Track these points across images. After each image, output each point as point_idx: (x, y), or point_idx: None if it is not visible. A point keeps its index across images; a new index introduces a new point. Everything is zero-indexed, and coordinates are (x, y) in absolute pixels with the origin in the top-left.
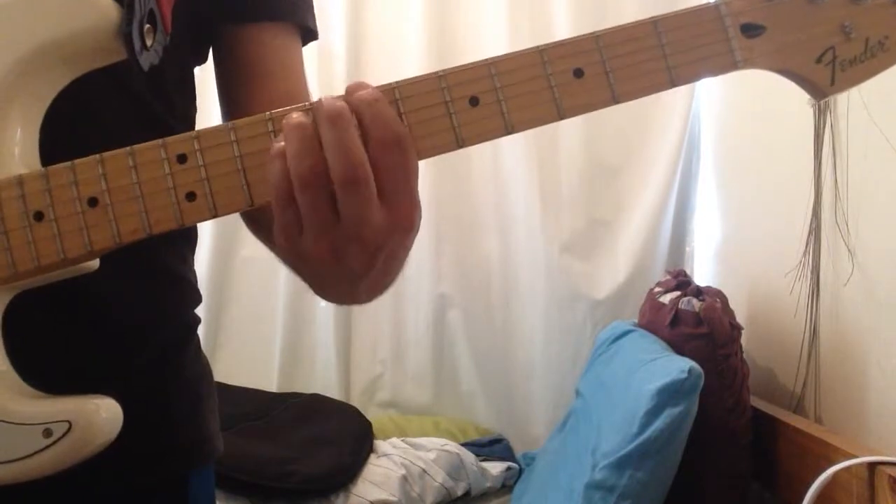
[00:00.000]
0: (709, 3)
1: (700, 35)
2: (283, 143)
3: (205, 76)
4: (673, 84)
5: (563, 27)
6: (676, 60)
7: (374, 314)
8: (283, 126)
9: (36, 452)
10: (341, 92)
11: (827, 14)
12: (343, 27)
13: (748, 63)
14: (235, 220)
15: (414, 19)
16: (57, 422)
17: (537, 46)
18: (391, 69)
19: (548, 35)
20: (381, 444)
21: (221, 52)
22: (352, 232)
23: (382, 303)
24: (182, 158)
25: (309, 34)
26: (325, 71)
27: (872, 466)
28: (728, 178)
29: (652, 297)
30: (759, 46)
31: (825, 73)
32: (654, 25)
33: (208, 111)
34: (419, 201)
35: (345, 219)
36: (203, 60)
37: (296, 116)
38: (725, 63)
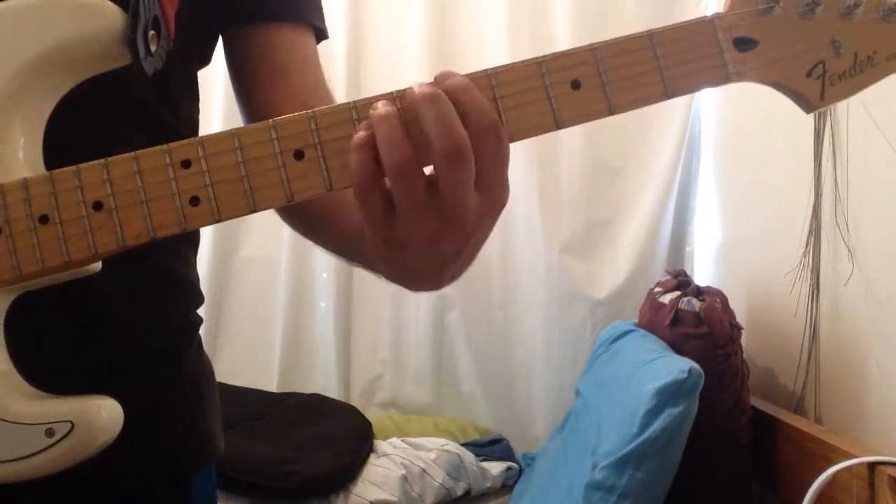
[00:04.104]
0: (703, 16)
1: (694, 48)
2: (364, 133)
3: (204, 76)
4: (668, 96)
5: (562, 27)
6: (671, 73)
7: (374, 314)
8: (372, 116)
9: (38, 452)
10: (342, 91)
11: (818, 29)
12: (343, 27)
13: (741, 76)
14: (236, 221)
15: (414, 19)
16: (59, 422)
17: (536, 58)
18: (391, 69)
19: (547, 35)
20: (381, 444)
21: (234, 52)
22: (450, 214)
23: (382, 303)
24: (186, 164)
25: (319, 34)
26: (325, 71)
27: (872, 466)
28: (728, 178)
29: (652, 297)
30: (752, 60)
31: (815, 87)
32: (650, 38)
33: (207, 111)
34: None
35: (444, 201)
36: (207, 62)
37: (382, 106)
38: (719, 76)
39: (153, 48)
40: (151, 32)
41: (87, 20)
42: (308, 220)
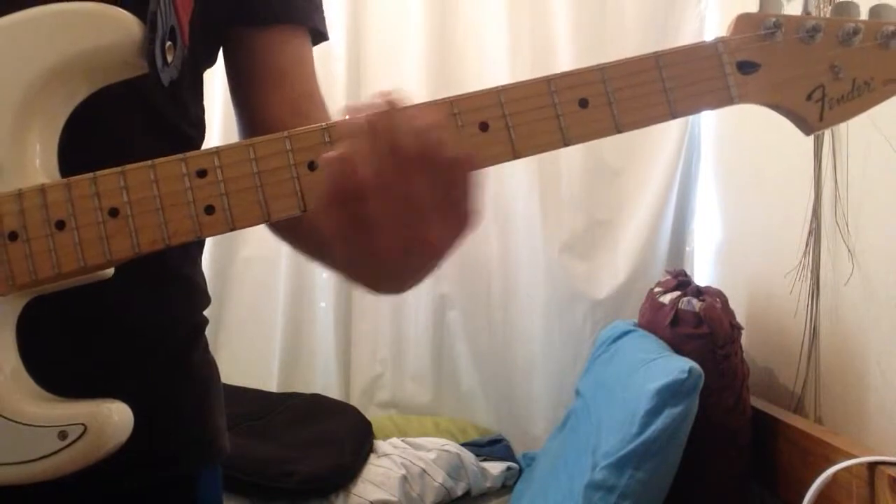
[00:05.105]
0: (708, 40)
1: (699, 71)
2: (338, 151)
3: (205, 75)
4: (673, 116)
5: (562, 28)
6: (676, 94)
7: (374, 314)
8: (346, 132)
9: (51, 454)
10: (342, 91)
11: (818, 54)
12: (343, 27)
13: (743, 98)
14: None
15: (414, 19)
16: (72, 424)
17: (545, 76)
18: (391, 69)
19: (547, 35)
20: (381, 444)
21: (234, 54)
22: (419, 231)
23: (382, 303)
24: (202, 173)
25: (319, 36)
26: (325, 71)
27: (872, 466)
28: (728, 178)
29: (652, 297)
30: (754, 83)
31: (815, 110)
32: (656, 60)
33: (208, 111)
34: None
35: (414, 214)
36: (213, 63)
37: (356, 122)
38: (722, 98)
39: (170, 59)
40: (168, 43)
41: (106, 31)
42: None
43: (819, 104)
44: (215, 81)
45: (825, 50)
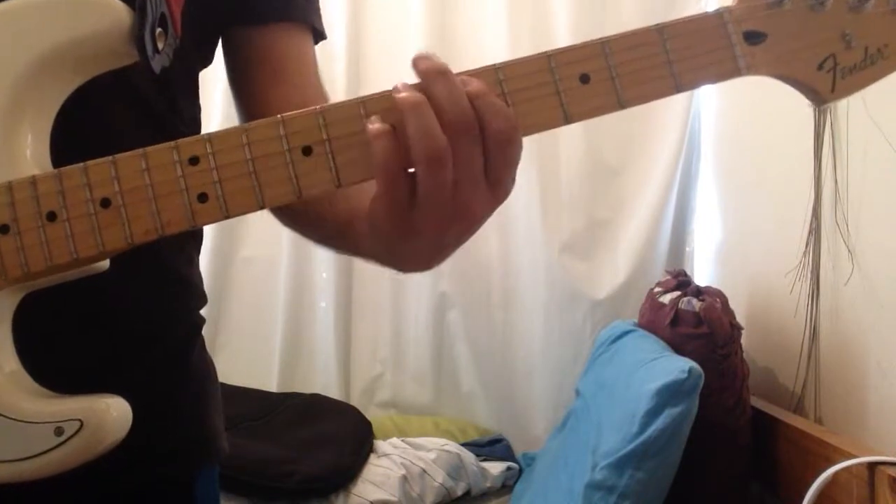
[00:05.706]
0: (712, 10)
1: (704, 42)
2: (383, 124)
3: (204, 76)
4: (678, 90)
5: (563, 27)
6: (681, 67)
7: (374, 314)
8: (401, 105)
9: (47, 451)
10: (342, 90)
11: (828, 22)
12: (343, 27)
13: (751, 70)
14: (236, 220)
15: (414, 19)
16: (68, 420)
17: (545, 52)
18: (391, 69)
19: (548, 34)
20: (381, 444)
21: (234, 51)
22: (463, 205)
23: (382, 303)
24: (194, 160)
25: (317, 35)
26: (325, 71)
27: (872, 466)
28: (728, 178)
29: (652, 297)
30: (762, 53)
31: (826, 81)
32: (660, 32)
33: (207, 111)
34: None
35: (461, 190)
36: (208, 63)
37: (410, 94)
38: (729, 69)
39: (160, 46)
40: (158, 30)
41: (95, 18)
42: (294, 208)
43: (831, 74)
44: (216, 82)
45: (836, 17)
